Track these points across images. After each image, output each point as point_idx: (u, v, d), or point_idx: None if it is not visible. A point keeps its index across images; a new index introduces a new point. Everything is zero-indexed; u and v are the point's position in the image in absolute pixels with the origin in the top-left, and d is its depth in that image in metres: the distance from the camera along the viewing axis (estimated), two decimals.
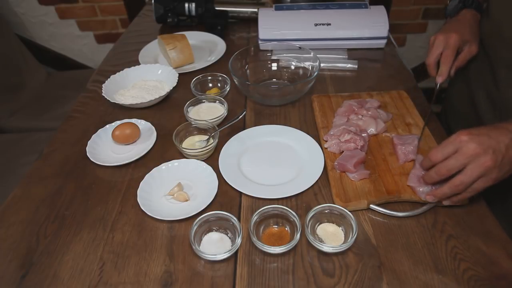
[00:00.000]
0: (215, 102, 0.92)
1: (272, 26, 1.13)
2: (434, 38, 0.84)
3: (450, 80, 1.08)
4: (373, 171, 0.73)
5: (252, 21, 1.33)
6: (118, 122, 0.87)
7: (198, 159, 0.78)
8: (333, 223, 0.66)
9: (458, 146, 0.58)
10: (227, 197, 0.72)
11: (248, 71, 1.04)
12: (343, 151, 0.76)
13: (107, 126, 0.87)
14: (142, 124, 0.88)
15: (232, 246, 0.62)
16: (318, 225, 0.66)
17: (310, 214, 0.64)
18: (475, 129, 0.60)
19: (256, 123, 0.89)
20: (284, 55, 1.05)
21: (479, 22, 0.87)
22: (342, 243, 0.61)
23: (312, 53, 0.98)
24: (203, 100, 0.92)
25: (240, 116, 0.86)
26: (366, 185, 0.70)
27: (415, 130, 0.82)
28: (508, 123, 0.60)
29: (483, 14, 0.91)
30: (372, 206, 0.68)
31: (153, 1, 1.29)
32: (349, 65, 1.08)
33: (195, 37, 1.22)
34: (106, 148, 0.84)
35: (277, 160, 0.79)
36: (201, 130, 0.85)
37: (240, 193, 0.73)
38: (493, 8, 0.84)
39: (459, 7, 0.89)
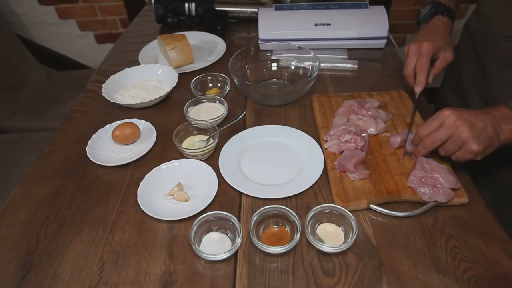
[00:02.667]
0: (215, 102, 0.92)
1: (272, 26, 1.13)
2: (407, 48, 0.83)
3: (442, 80, 1.09)
4: (373, 171, 0.73)
5: (252, 21, 1.33)
6: (118, 122, 0.87)
7: (198, 159, 0.78)
8: (333, 223, 0.66)
9: (441, 120, 0.65)
10: (227, 197, 0.72)
11: (248, 71, 1.04)
12: (343, 151, 0.76)
13: (107, 126, 0.87)
14: (142, 124, 0.88)
15: (232, 246, 0.62)
16: (318, 225, 0.66)
17: (310, 214, 0.64)
18: (458, 108, 0.65)
19: (256, 123, 0.89)
20: (284, 55, 1.05)
21: (451, 28, 0.87)
22: (342, 243, 0.61)
23: (312, 53, 0.98)
24: (203, 100, 0.92)
25: (240, 116, 0.86)
26: (366, 185, 0.70)
27: (415, 129, 0.81)
28: (491, 108, 0.65)
29: (474, 12, 0.92)
30: (372, 206, 0.68)
31: (153, 1, 1.29)
32: (349, 65, 1.08)
33: (195, 37, 1.22)
34: (106, 148, 0.84)
35: (277, 160, 0.79)
36: (201, 130, 0.85)
37: (240, 193, 0.73)
38: (482, 6, 0.85)
39: (431, 13, 0.88)
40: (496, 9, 0.80)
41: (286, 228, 0.66)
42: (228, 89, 0.98)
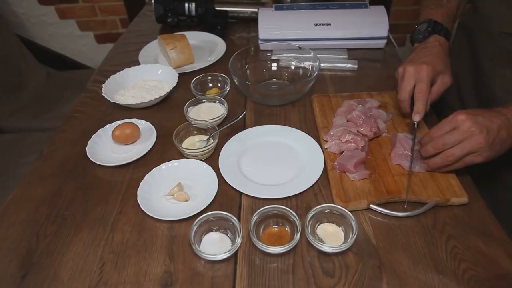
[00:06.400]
0: (215, 102, 0.92)
1: (272, 26, 1.13)
2: (403, 70, 0.76)
3: None
4: (373, 171, 0.73)
5: (252, 21, 1.33)
6: (118, 122, 0.87)
7: (198, 159, 0.78)
8: (333, 223, 0.66)
9: (455, 124, 0.64)
10: (227, 197, 0.72)
11: (248, 71, 1.04)
12: (343, 151, 0.76)
13: (107, 126, 0.87)
14: (142, 124, 0.88)
15: (232, 246, 0.62)
16: (318, 225, 0.66)
17: (310, 214, 0.64)
18: (471, 110, 0.64)
19: (256, 123, 0.89)
20: (284, 55, 1.05)
21: (448, 50, 0.81)
22: (342, 243, 0.61)
23: (312, 53, 0.98)
24: (203, 100, 0.92)
25: (240, 116, 0.86)
26: (366, 185, 0.70)
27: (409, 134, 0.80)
28: (501, 108, 0.65)
29: (469, 8, 0.91)
30: (372, 206, 0.68)
31: (153, 1, 1.29)
32: (349, 65, 1.08)
33: (195, 37, 1.22)
34: (106, 148, 0.84)
35: (277, 160, 0.79)
36: (201, 130, 0.85)
37: (240, 193, 0.73)
38: (479, 4, 0.85)
39: (428, 32, 0.82)
40: (493, 6, 0.80)
41: (286, 228, 0.66)
42: (228, 89, 0.98)
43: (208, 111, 0.90)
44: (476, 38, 0.86)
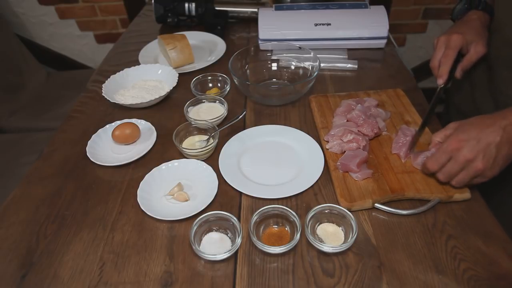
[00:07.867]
0: (215, 102, 0.92)
1: (272, 26, 1.13)
2: (437, 40, 0.83)
3: (453, 80, 1.08)
4: (375, 170, 0.73)
5: (252, 21, 1.33)
6: (118, 122, 0.87)
7: (198, 159, 0.78)
8: (333, 223, 0.66)
9: (450, 154, 0.63)
10: (227, 197, 0.72)
11: (248, 71, 1.04)
12: (345, 151, 0.76)
13: (107, 126, 0.87)
14: (142, 124, 0.88)
15: (232, 246, 0.62)
16: (318, 225, 0.66)
17: (310, 214, 0.64)
18: (464, 131, 0.63)
19: (256, 123, 0.89)
20: (284, 55, 1.05)
21: (487, 22, 0.85)
22: (342, 243, 0.61)
23: (312, 53, 0.98)
24: (203, 100, 0.92)
25: (240, 116, 0.86)
26: (369, 185, 0.70)
27: (413, 128, 0.82)
28: (501, 117, 0.62)
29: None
30: (377, 205, 0.68)
31: (153, 1, 1.29)
32: (349, 65, 1.08)
33: (195, 37, 1.22)
34: (106, 148, 0.84)
35: (277, 160, 0.79)
36: (201, 130, 0.85)
37: (240, 193, 0.73)
38: (496, 8, 0.84)
39: (465, 9, 0.87)
40: (509, 10, 0.79)
41: (286, 228, 0.66)
42: (228, 89, 0.98)
43: (208, 111, 0.90)
44: (492, 44, 0.84)
